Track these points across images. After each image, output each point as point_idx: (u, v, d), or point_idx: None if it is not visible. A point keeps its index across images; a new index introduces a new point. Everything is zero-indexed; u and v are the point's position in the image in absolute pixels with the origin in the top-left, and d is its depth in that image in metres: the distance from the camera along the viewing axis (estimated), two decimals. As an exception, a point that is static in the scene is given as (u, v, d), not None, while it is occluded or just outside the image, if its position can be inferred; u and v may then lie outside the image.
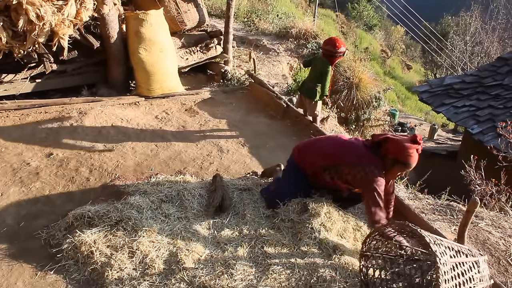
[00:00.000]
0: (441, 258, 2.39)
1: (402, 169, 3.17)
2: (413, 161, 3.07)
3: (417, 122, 14.25)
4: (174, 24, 6.35)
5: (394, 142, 3.13)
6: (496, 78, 7.44)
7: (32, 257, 3.03)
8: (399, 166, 3.13)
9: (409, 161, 3.07)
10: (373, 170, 3.12)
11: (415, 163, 3.09)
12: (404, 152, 3.06)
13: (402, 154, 3.08)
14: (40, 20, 4.78)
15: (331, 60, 4.90)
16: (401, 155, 3.08)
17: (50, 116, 5.08)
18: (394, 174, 3.25)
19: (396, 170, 3.17)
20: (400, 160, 3.10)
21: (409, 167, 3.11)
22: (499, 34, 20.47)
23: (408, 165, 3.10)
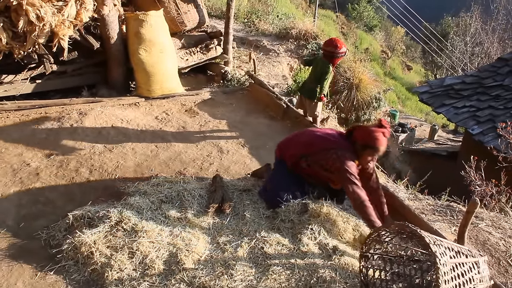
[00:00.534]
0: (441, 258, 2.39)
1: (372, 153, 3.31)
2: (380, 144, 3.23)
3: (418, 123, 14.24)
4: (174, 25, 6.36)
5: (361, 129, 3.39)
6: (496, 78, 7.44)
7: (32, 258, 3.03)
8: (368, 150, 3.30)
9: (376, 144, 3.23)
10: (344, 153, 3.31)
11: (383, 146, 3.26)
12: (371, 136, 3.26)
13: (369, 138, 3.26)
14: (40, 21, 4.79)
15: (332, 61, 4.90)
16: (368, 140, 3.27)
17: (50, 117, 5.08)
18: (366, 159, 3.37)
19: (367, 154, 3.33)
20: (368, 145, 3.27)
21: (377, 150, 3.27)
22: (499, 34, 20.47)
23: (376, 148, 3.26)
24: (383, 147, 3.26)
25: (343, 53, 4.85)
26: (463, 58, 20.34)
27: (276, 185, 3.59)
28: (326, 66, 4.90)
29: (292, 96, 6.80)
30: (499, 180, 4.24)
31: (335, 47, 4.80)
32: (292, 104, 6.03)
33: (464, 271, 2.57)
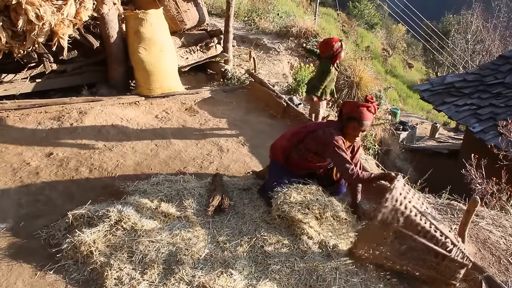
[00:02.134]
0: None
1: (356, 126, 3.38)
2: (364, 116, 3.33)
3: (419, 121, 14.21)
4: (174, 23, 6.35)
5: (348, 103, 3.51)
6: (497, 76, 7.42)
7: (32, 257, 3.03)
8: (352, 122, 3.39)
9: (360, 116, 3.34)
10: (330, 130, 3.43)
11: (367, 119, 3.35)
12: (355, 108, 3.37)
13: (353, 110, 3.38)
14: (40, 20, 4.78)
15: (333, 60, 4.89)
16: (353, 111, 3.38)
17: (50, 116, 5.08)
18: (350, 131, 3.43)
19: (351, 126, 3.40)
20: (352, 116, 3.38)
21: (361, 122, 3.35)
22: (500, 32, 20.42)
23: (359, 120, 3.35)
24: (367, 121, 3.35)
25: (338, 49, 4.82)
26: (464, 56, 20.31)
27: (268, 180, 3.69)
28: (327, 65, 4.88)
29: (293, 95, 6.78)
30: (499, 179, 4.23)
31: (331, 48, 4.79)
32: (293, 103, 6.02)
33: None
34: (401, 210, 2.76)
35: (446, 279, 2.90)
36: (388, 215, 2.76)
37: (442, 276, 2.89)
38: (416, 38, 26.98)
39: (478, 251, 3.41)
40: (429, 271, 2.87)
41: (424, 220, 2.81)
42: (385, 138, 9.15)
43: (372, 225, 2.80)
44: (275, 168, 3.73)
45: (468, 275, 2.96)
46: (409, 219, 2.78)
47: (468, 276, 2.96)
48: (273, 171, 3.75)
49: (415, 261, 2.86)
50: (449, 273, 2.87)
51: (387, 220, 2.76)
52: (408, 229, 2.79)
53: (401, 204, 2.77)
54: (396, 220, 2.77)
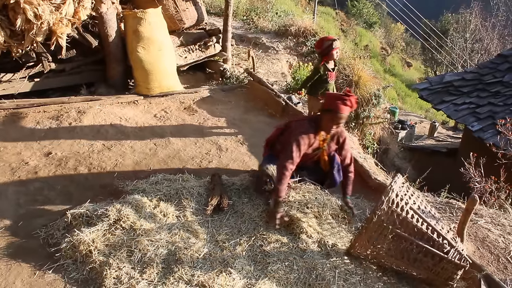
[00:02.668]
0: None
1: (331, 118, 3.38)
2: (338, 107, 3.32)
3: (417, 120, 14.22)
4: (173, 22, 6.34)
5: (327, 95, 3.58)
6: (496, 75, 7.42)
7: (31, 256, 3.03)
8: (327, 114, 3.39)
9: (334, 107, 3.33)
10: (303, 124, 3.51)
11: (343, 112, 3.33)
12: (332, 100, 3.39)
13: (329, 102, 3.40)
14: (38, 19, 4.77)
15: (324, 58, 4.91)
16: (328, 103, 3.40)
17: (49, 115, 5.07)
18: (327, 124, 3.43)
19: (327, 118, 3.40)
20: (328, 108, 3.39)
21: (336, 114, 3.34)
22: (499, 31, 20.42)
23: (334, 112, 3.34)
24: (342, 113, 3.34)
25: (328, 47, 4.82)
26: (463, 54, 20.32)
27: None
28: (318, 63, 4.92)
29: (291, 94, 6.78)
30: (498, 177, 4.23)
31: (319, 47, 4.86)
32: (291, 102, 6.01)
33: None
34: (397, 212, 2.76)
35: (444, 280, 2.91)
36: (384, 217, 2.76)
37: (439, 277, 2.89)
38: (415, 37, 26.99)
39: (476, 250, 3.42)
40: (426, 272, 2.88)
41: (420, 221, 2.81)
42: (384, 137, 9.13)
43: (368, 226, 2.81)
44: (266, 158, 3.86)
45: (467, 274, 2.97)
46: (405, 221, 2.78)
47: (467, 274, 2.97)
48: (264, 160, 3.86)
49: (412, 262, 2.87)
50: (446, 274, 2.88)
51: (383, 222, 2.77)
52: (405, 231, 2.80)
53: (397, 206, 2.77)
54: (392, 222, 2.77)
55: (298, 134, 3.42)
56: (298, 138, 3.40)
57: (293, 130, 3.52)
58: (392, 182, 2.85)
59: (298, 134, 3.42)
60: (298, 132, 3.45)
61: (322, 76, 4.93)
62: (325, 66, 4.91)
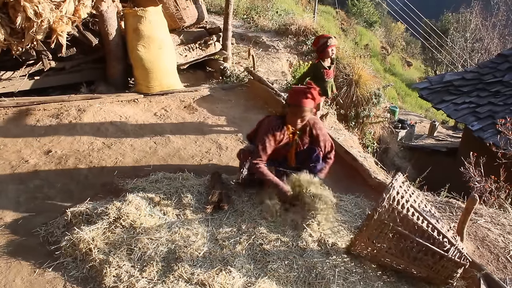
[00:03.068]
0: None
1: (292, 110, 3.45)
2: (301, 102, 3.37)
3: (417, 119, 14.24)
4: (173, 21, 6.33)
5: (291, 89, 3.62)
6: (496, 75, 7.43)
7: (31, 255, 3.03)
8: (291, 108, 3.46)
9: (296, 101, 3.40)
10: (268, 119, 3.60)
11: (304, 105, 3.38)
12: (293, 94, 3.47)
13: (291, 96, 3.48)
14: (38, 17, 4.76)
15: (320, 55, 4.94)
16: (290, 98, 3.48)
17: (49, 114, 5.07)
18: (290, 117, 3.50)
19: (290, 112, 3.48)
20: (289, 102, 3.48)
21: (298, 108, 3.40)
22: (499, 30, 20.45)
23: (296, 106, 3.40)
24: (304, 106, 3.37)
25: (323, 45, 4.84)
26: (463, 54, 20.34)
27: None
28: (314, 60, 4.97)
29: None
30: (498, 177, 4.24)
31: (315, 44, 4.98)
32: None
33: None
34: (398, 209, 2.77)
35: (444, 279, 2.91)
36: (384, 214, 2.76)
37: (439, 275, 2.89)
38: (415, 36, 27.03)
39: (476, 249, 3.42)
40: (426, 270, 2.88)
41: (421, 219, 2.81)
42: (384, 136, 9.15)
43: (369, 224, 2.81)
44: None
45: (466, 273, 2.97)
46: (406, 218, 2.78)
47: (466, 273, 2.97)
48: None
49: (412, 260, 2.87)
50: (446, 272, 2.88)
51: (383, 220, 2.77)
52: (405, 229, 2.80)
53: (398, 203, 2.78)
54: (393, 219, 2.78)
55: (264, 132, 3.52)
56: (263, 135, 3.50)
57: (262, 127, 3.60)
58: (393, 180, 2.85)
59: (264, 131, 3.52)
60: (265, 129, 3.54)
61: (318, 74, 4.94)
62: (320, 64, 4.92)
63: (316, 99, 3.43)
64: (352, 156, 4.49)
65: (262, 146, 3.50)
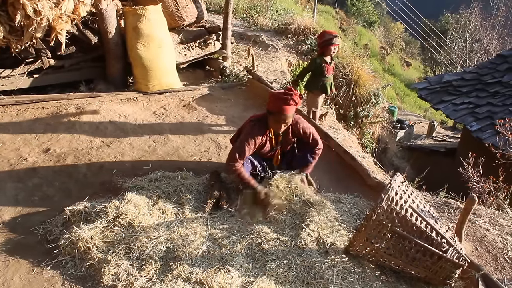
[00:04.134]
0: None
1: (275, 118, 3.40)
2: (283, 109, 3.31)
3: (416, 119, 14.24)
4: (173, 19, 6.32)
5: (271, 95, 3.50)
6: (495, 75, 7.44)
7: (29, 253, 3.03)
8: (271, 116, 3.41)
9: (276, 109, 3.35)
10: (249, 123, 3.55)
11: (285, 112, 3.33)
12: (273, 102, 3.39)
13: (271, 104, 3.40)
14: (38, 15, 4.75)
15: (322, 49, 4.96)
16: (271, 105, 3.41)
17: (48, 112, 5.06)
18: (272, 124, 3.47)
19: (271, 120, 3.45)
20: (270, 110, 3.41)
21: (280, 116, 3.35)
22: (498, 31, 20.46)
23: (276, 113, 3.35)
24: (285, 113, 3.34)
25: (328, 40, 4.85)
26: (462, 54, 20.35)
27: None
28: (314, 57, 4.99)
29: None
30: (496, 177, 4.24)
31: (320, 38, 4.98)
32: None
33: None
34: (396, 210, 2.77)
35: (442, 279, 2.91)
36: (383, 215, 2.76)
37: (437, 276, 2.90)
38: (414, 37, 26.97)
39: (474, 249, 3.42)
40: (425, 271, 2.88)
41: (420, 220, 2.82)
42: (383, 136, 9.16)
43: (367, 224, 2.81)
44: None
45: (465, 273, 2.98)
46: (405, 219, 2.79)
47: (465, 274, 2.98)
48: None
49: (411, 260, 2.87)
50: (444, 273, 2.88)
51: (382, 220, 2.77)
52: (404, 229, 2.80)
53: (397, 204, 2.78)
54: (391, 220, 2.78)
55: (245, 136, 3.49)
56: (243, 141, 3.47)
57: (243, 131, 3.57)
58: (392, 181, 2.85)
59: (245, 136, 3.49)
60: (245, 133, 3.51)
61: (319, 68, 4.95)
62: (322, 58, 4.94)
63: (298, 103, 3.39)
64: (351, 156, 4.49)
65: (240, 151, 3.48)
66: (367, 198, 3.91)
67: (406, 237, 2.80)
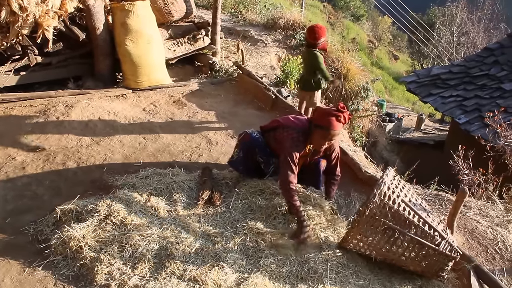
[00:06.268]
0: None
1: (322, 134, 3.25)
2: (330, 124, 3.19)
3: (405, 112, 14.34)
4: (161, 15, 6.27)
5: (319, 109, 3.39)
6: (482, 68, 7.52)
7: (20, 253, 2.99)
8: (318, 130, 3.25)
9: (325, 124, 3.19)
10: (293, 133, 3.32)
11: (336, 129, 3.21)
12: (324, 116, 3.22)
13: (321, 118, 3.24)
14: (24, 11, 4.68)
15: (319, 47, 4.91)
16: (320, 119, 3.24)
17: (36, 110, 5.00)
18: (316, 140, 3.31)
19: (317, 134, 3.28)
20: (318, 124, 3.24)
21: (327, 131, 3.21)
22: (485, 24, 20.65)
23: (324, 128, 3.20)
24: (335, 130, 3.21)
25: (324, 40, 4.85)
26: (449, 47, 20.51)
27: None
28: (313, 54, 4.88)
29: (281, 87, 6.77)
30: (486, 169, 4.28)
31: (314, 38, 4.80)
32: (281, 95, 6.00)
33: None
34: (389, 205, 2.78)
35: (435, 271, 2.94)
36: (376, 210, 2.78)
37: (430, 268, 2.92)
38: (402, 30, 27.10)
39: (466, 241, 3.46)
40: (418, 264, 2.91)
41: (412, 214, 2.83)
42: (373, 129, 9.21)
43: (360, 220, 2.82)
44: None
45: (457, 265, 3.01)
46: (398, 213, 2.80)
47: (457, 265, 3.01)
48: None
49: (404, 254, 2.89)
50: (437, 265, 2.91)
51: (375, 215, 2.79)
52: (397, 224, 2.82)
53: (389, 199, 2.79)
54: (384, 214, 2.79)
55: (291, 150, 3.27)
56: (291, 152, 3.26)
57: (284, 138, 3.35)
58: (384, 175, 2.87)
59: (291, 149, 3.27)
60: (291, 146, 3.29)
61: (320, 64, 4.92)
62: (323, 54, 4.94)
63: (346, 122, 3.26)
64: (342, 150, 4.50)
65: (291, 169, 3.23)
66: (359, 192, 3.93)
67: (399, 231, 2.81)
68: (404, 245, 2.87)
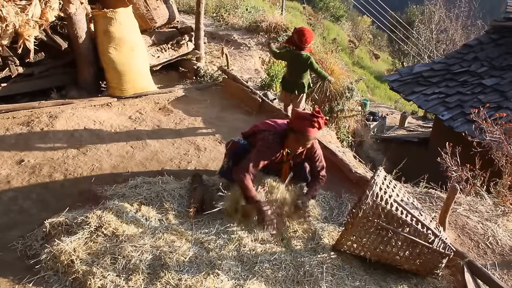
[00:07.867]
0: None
1: (296, 138, 3.27)
2: (307, 131, 3.20)
3: (388, 111, 14.50)
4: (144, 21, 6.22)
5: (296, 113, 3.40)
6: (462, 65, 7.63)
7: (8, 270, 2.91)
8: (293, 134, 3.27)
9: (300, 128, 3.21)
10: (268, 136, 3.37)
11: (310, 134, 3.21)
12: (299, 120, 3.25)
13: (296, 122, 3.26)
14: (3, 21, 4.59)
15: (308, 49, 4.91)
16: (295, 123, 3.26)
17: (19, 121, 4.90)
18: (291, 143, 3.33)
19: (291, 138, 3.29)
20: (293, 128, 3.26)
21: (301, 135, 3.23)
22: (462, 21, 21.00)
23: (299, 133, 3.22)
24: (308, 135, 3.21)
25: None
26: (429, 45, 20.80)
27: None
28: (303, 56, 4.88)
29: (267, 90, 6.77)
30: (472, 165, 4.33)
31: (302, 42, 4.77)
32: (267, 98, 6.00)
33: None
34: (381, 205, 2.79)
35: (429, 269, 2.96)
36: (369, 211, 2.79)
37: (425, 266, 2.94)
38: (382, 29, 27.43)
39: (457, 237, 3.50)
40: (413, 263, 2.93)
41: (405, 213, 2.85)
42: (358, 129, 9.26)
43: (354, 221, 2.83)
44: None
45: (450, 262, 3.04)
46: (390, 213, 2.82)
47: (450, 262, 3.04)
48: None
49: (398, 253, 2.91)
50: (432, 263, 2.93)
51: (368, 216, 2.79)
52: (390, 224, 2.83)
53: (382, 199, 2.80)
54: (377, 215, 2.80)
55: (262, 148, 3.34)
56: (260, 153, 3.33)
57: (260, 141, 3.40)
58: (375, 175, 2.88)
59: (263, 148, 3.34)
60: (263, 145, 3.35)
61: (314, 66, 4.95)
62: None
63: (321, 128, 3.28)
64: (331, 151, 4.52)
65: (255, 164, 3.29)
66: (350, 193, 3.94)
67: (393, 231, 2.83)
68: (398, 245, 2.88)
